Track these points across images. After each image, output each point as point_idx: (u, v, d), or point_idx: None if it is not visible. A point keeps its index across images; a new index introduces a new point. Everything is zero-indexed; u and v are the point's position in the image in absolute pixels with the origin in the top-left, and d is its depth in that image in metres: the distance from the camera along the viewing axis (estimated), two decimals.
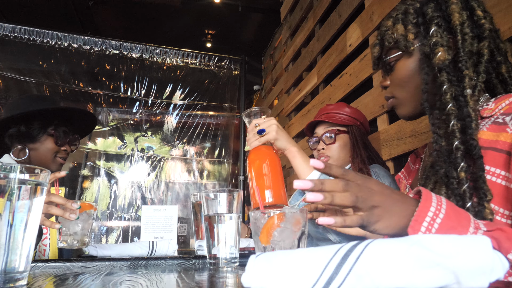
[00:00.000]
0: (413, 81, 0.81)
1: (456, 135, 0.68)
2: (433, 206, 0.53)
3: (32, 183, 0.50)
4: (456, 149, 0.67)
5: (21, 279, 0.48)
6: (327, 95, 2.43)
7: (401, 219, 0.55)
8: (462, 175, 0.65)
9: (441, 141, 0.71)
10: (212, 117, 3.84)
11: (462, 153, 0.66)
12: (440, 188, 0.70)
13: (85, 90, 3.46)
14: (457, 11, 0.75)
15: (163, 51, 3.68)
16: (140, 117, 3.62)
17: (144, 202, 3.46)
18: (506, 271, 0.33)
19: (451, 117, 0.70)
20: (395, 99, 0.86)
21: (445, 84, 0.72)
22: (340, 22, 2.27)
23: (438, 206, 0.53)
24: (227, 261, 0.75)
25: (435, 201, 0.54)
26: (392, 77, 0.85)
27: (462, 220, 0.52)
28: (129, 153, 3.56)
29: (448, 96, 0.71)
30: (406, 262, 0.33)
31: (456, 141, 0.67)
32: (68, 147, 1.48)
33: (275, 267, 0.36)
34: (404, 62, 0.82)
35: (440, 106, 0.73)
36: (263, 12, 3.95)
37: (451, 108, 0.70)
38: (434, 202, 0.53)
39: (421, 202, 0.53)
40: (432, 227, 0.52)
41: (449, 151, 0.68)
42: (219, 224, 0.77)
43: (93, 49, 3.47)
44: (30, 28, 3.26)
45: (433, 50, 0.74)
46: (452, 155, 0.68)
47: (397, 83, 0.84)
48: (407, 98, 0.84)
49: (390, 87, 0.87)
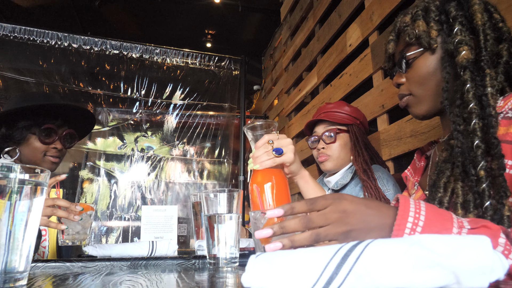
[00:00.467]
0: (433, 78, 0.80)
1: (477, 134, 0.68)
2: (410, 216, 0.52)
3: (32, 183, 0.50)
4: (477, 148, 0.67)
5: (21, 279, 0.48)
6: (327, 95, 2.43)
7: (380, 233, 0.53)
8: (482, 173, 0.65)
9: (461, 139, 0.70)
10: (212, 117, 3.83)
11: (483, 152, 0.66)
12: (456, 183, 0.70)
13: (85, 90, 3.46)
14: (479, 11, 0.76)
15: (163, 51, 3.68)
16: (140, 117, 3.62)
17: (144, 202, 3.46)
18: (506, 271, 0.33)
19: (473, 116, 0.69)
20: (413, 97, 0.85)
21: (468, 83, 0.72)
22: (340, 22, 2.27)
23: (416, 214, 0.52)
24: (227, 261, 0.75)
25: (413, 208, 0.52)
26: (410, 74, 0.84)
27: (444, 223, 0.51)
28: (129, 153, 3.56)
29: (471, 95, 0.71)
30: (406, 262, 0.33)
31: (477, 140, 0.67)
32: (59, 145, 1.42)
33: (275, 267, 0.36)
34: (425, 59, 0.81)
35: (461, 105, 0.73)
36: (263, 12, 3.95)
37: (474, 107, 0.70)
38: (412, 210, 0.52)
39: (399, 213, 0.52)
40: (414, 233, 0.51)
41: (469, 148, 0.68)
42: (219, 224, 0.77)
43: (93, 49, 3.47)
44: (30, 28, 3.26)
45: (457, 48, 0.74)
46: (472, 153, 0.68)
47: (417, 80, 0.82)
48: (425, 96, 0.82)
49: (407, 85, 0.85)
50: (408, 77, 0.84)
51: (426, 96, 0.82)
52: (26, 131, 1.38)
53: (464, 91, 0.72)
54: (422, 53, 0.81)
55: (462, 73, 0.73)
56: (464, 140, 0.70)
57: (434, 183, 0.76)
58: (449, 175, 0.73)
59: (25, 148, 1.39)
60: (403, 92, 0.86)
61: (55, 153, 1.42)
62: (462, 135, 0.71)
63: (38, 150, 1.39)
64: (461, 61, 0.73)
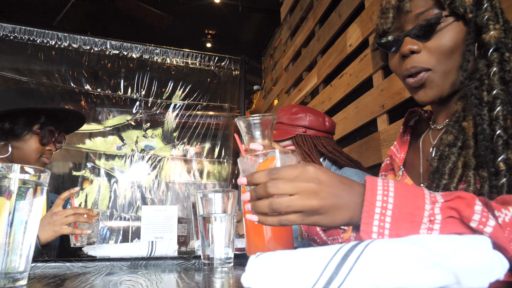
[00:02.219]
0: (459, 52, 0.70)
1: (500, 122, 0.62)
2: (379, 194, 0.48)
3: (32, 183, 0.50)
4: (498, 137, 0.61)
5: (21, 279, 0.48)
6: (327, 95, 2.43)
7: (348, 213, 0.50)
8: (502, 166, 0.59)
9: (486, 125, 0.63)
10: (212, 117, 3.83)
11: (504, 142, 0.61)
12: (468, 170, 0.64)
13: (85, 90, 3.46)
14: None
15: (163, 51, 3.68)
16: (140, 117, 3.62)
17: (144, 202, 3.46)
18: (506, 271, 0.33)
19: (497, 102, 0.63)
20: (433, 74, 0.71)
21: (495, 65, 0.65)
22: (340, 22, 2.27)
23: (385, 192, 0.48)
24: (221, 262, 0.75)
25: (381, 187, 0.49)
26: (433, 43, 0.70)
27: (416, 201, 0.48)
28: (129, 153, 3.56)
29: (497, 79, 0.65)
30: (406, 262, 0.33)
31: (499, 130, 0.61)
32: (53, 147, 1.41)
33: (275, 267, 0.36)
34: (453, 27, 0.70)
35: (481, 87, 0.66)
36: (263, 12, 3.95)
37: (499, 92, 0.64)
38: (380, 189, 0.49)
39: (366, 193, 0.48)
40: (384, 217, 0.47)
41: (490, 136, 0.62)
42: (212, 224, 0.77)
43: (93, 49, 3.47)
44: (30, 28, 3.26)
45: (488, 25, 0.67)
46: (492, 143, 0.62)
47: (443, 51, 0.70)
48: (449, 72, 0.71)
49: (427, 55, 0.71)
50: (430, 47, 0.70)
51: (449, 74, 0.71)
52: (28, 129, 1.34)
53: (489, 73, 0.65)
54: (451, 20, 0.70)
55: (490, 54, 0.66)
56: (486, 127, 0.63)
57: (437, 169, 0.69)
58: (455, 160, 0.66)
59: (20, 147, 1.35)
60: (421, 65, 0.71)
61: (49, 155, 1.41)
62: (483, 121, 0.63)
63: (36, 151, 1.36)
64: (490, 39, 0.66)
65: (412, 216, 0.47)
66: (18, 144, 1.34)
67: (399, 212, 0.47)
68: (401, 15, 0.73)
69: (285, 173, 0.50)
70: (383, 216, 0.47)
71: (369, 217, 0.48)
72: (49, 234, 1.16)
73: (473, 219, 0.45)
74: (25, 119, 1.34)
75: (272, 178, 0.50)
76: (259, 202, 0.51)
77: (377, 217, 0.47)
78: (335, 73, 2.33)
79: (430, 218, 0.47)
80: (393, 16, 0.74)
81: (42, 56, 3.31)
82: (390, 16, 0.74)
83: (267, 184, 0.50)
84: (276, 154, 0.59)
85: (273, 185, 0.50)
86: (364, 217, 0.48)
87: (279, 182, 0.49)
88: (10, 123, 1.31)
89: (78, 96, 3.45)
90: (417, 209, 0.47)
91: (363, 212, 0.48)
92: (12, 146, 1.33)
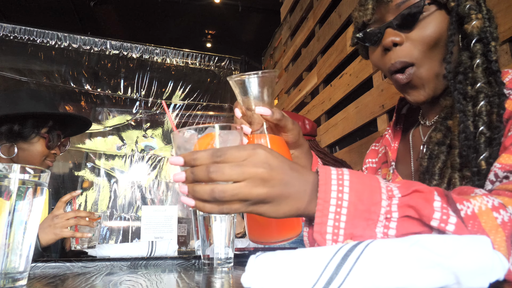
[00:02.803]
0: (442, 44, 0.66)
1: (483, 118, 0.58)
2: (333, 190, 0.44)
3: (32, 184, 0.50)
4: (481, 134, 0.58)
5: (21, 279, 0.48)
6: (327, 95, 2.43)
7: (297, 203, 0.46)
8: (483, 164, 0.56)
9: (466, 122, 0.60)
10: (212, 117, 3.84)
11: (487, 140, 0.57)
12: (453, 171, 0.61)
13: (85, 90, 3.47)
14: None
15: (163, 51, 3.69)
16: (140, 117, 3.63)
17: (144, 202, 3.47)
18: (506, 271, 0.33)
19: (481, 96, 0.60)
20: (418, 68, 0.67)
21: (478, 56, 0.62)
22: (340, 22, 2.27)
23: (340, 187, 0.44)
24: (222, 262, 0.75)
25: (335, 181, 0.45)
26: (416, 33, 0.66)
27: (373, 195, 0.44)
28: (129, 153, 3.56)
29: (480, 71, 0.61)
30: (406, 262, 0.33)
31: (482, 126, 0.58)
32: (57, 150, 1.44)
33: (275, 267, 0.36)
34: (436, 17, 0.66)
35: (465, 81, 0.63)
36: (263, 12, 3.95)
37: (482, 85, 0.60)
38: (335, 184, 0.45)
39: (320, 190, 0.44)
40: (339, 216, 0.44)
41: (473, 134, 0.59)
42: (212, 224, 0.77)
43: (93, 49, 3.47)
44: (30, 28, 3.26)
45: (470, 15, 0.63)
46: (474, 140, 0.58)
47: (426, 42, 0.65)
48: (432, 65, 0.67)
49: (407, 47, 0.66)
50: (413, 38, 0.66)
51: (435, 68, 0.67)
52: (36, 132, 1.35)
53: (472, 66, 0.62)
54: (433, 9, 0.66)
55: (473, 45, 0.63)
56: (469, 123, 0.60)
57: (427, 169, 0.66)
58: (444, 159, 0.64)
59: (26, 149, 1.36)
60: (404, 59, 0.67)
61: (53, 158, 1.43)
62: (466, 117, 0.60)
63: (41, 154, 1.37)
64: (472, 30, 0.63)
65: (368, 213, 0.43)
66: (24, 146, 1.35)
67: (354, 209, 0.44)
68: (381, 5, 0.69)
69: (232, 155, 0.44)
70: (338, 215, 0.43)
71: (323, 217, 0.44)
72: (50, 237, 1.16)
73: (433, 218, 0.42)
74: (34, 122, 1.35)
75: (216, 161, 0.44)
76: (198, 186, 0.45)
77: (332, 216, 0.44)
78: (335, 73, 2.33)
79: (387, 216, 0.44)
80: (372, 7, 0.69)
81: (42, 56, 3.32)
82: (370, 8, 0.69)
83: (210, 168, 0.44)
84: (216, 129, 0.51)
85: (218, 170, 0.43)
86: (318, 217, 0.44)
87: (225, 167, 0.43)
88: (19, 125, 1.32)
89: (78, 96, 3.46)
90: (373, 205, 0.44)
91: (316, 211, 0.44)
92: (18, 147, 1.34)
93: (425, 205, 0.43)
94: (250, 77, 0.61)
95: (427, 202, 0.43)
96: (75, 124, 1.52)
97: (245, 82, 0.61)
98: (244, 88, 0.62)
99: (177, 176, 0.47)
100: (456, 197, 0.45)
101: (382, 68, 0.72)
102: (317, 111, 2.55)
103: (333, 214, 0.44)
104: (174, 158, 0.47)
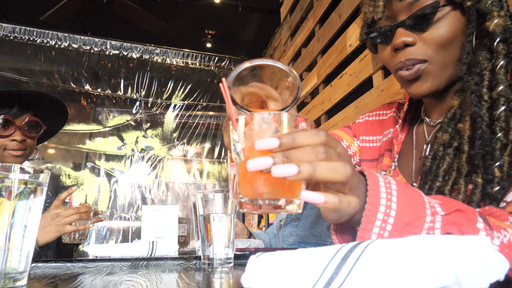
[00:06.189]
0: (457, 43, 0.64)
1: (501, 124, 0.55)
2: (382, 204, 0.43)
3: (32, 184, 0.50)
4: (497, 140, 0.55)
5: (21, 279, 0.48)
6: (327, 95, 2.43)
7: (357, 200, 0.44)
8: (497, 172, 0.54)
9: (485, 126, 0.57)
10: (212, 117, 3.84)
11: (502, 147, 0.55)
12: (459, 176, 0.59)
13: (85, 90, 3.47)
14: None
15: (163, 51, 3.69)
16: (140, 117, 3.63)
17: (144, 202, 3.47)
18: (506, 272, 0.33)
19: (501, 100, 0.56)
20: (429, 64, 0.65)
21: (501, 58, 0.59)
22: (340, 22, 2.27)
23: (388, 201, 0.43)
24: (222, 262, 0.75)
25: (384, 195, 0.44)
26: (429, 34, 0.64)
27: (417, 210, 0.43)
28: (129, 153, 3.56)
29: (503, 73, 0.58)
30: (406, 262, 0.33)
31: (499, 132, 0.55)
32: (19, 136, 1.22)
33: (275, 267, 0.36)
34: (451, 17, 0.64)
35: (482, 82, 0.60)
36: (263, 12, 3.95)
37: (504, 89, 0.56)
38: (384, 197, 0.43)
39: (369, 195, 0.43)
40: (386, 224, 0.43)
41: (490, 140, 0.56)
42: (211, 224, 0.77)
43: (93, 49, 3.47)
44: (30, 28, 3.26)
45: (492, 12, 0.61)
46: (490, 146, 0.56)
47: (440, 42, 0.64)
48: (446, 64, 0.65)
49: (422, 47, 0.65)
50: (426, 38, 0.65)
51: (447, 66, 0.65)
52: None
53: (494, 67, 0.59)
54: (448, 10, 0.64)
55: (496, 45, 0.60)
56: (486, 128, 0.57)
57: (430, 170, 0.64)
58: (450, 162, 0.62)
59: None
60: (416, 57, 0.65)
61: (15, 146, 1.23)
62: (484, 122, 0.57)
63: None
64: (494, 28, 0.60)
65: (411, 226, 0.43)
66: None
67: (400, 220, 0.43)
68: (393, 2, 0.66)
69: (332, 140, 0.43)
70: (384, 224, 0.43)
71: (370, 223, 0.43)
72: (51, 235, 1.17)
73: None
74: None
75: (323, 143, 0.42)
76: (298, 152, 0.40)
77: (378, 223, 0.43)
78: (335, 73, 2.33)
79: (429, 232, 0.44)
80: (383, 4, 0.67)
81: (42, 56, 3.32)
82: (381, 4, 0.67)
83: (319, 149, 0.41)
84: (290, 115, 0.46)
85: (326, 152, 0.41)
86: (364, 222, 0.43)
87: (330, 149, 0.42)
88: None
89: (78, 96, 3.46)
90: (418, 219, 0.43)
91: (364, 216, 0.43)
92: None
93: (468, 224, 0.43)
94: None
95: (469, 222, 0.43)
96: (32, 102, 1.28)
97: None
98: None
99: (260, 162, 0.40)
100: (493, 224, 0.45)
101: (390, 66, 0.71)
102: (317, 111, 2.55)
103: (380, 222, 0.43)
104: (264, 141, 0.41)
